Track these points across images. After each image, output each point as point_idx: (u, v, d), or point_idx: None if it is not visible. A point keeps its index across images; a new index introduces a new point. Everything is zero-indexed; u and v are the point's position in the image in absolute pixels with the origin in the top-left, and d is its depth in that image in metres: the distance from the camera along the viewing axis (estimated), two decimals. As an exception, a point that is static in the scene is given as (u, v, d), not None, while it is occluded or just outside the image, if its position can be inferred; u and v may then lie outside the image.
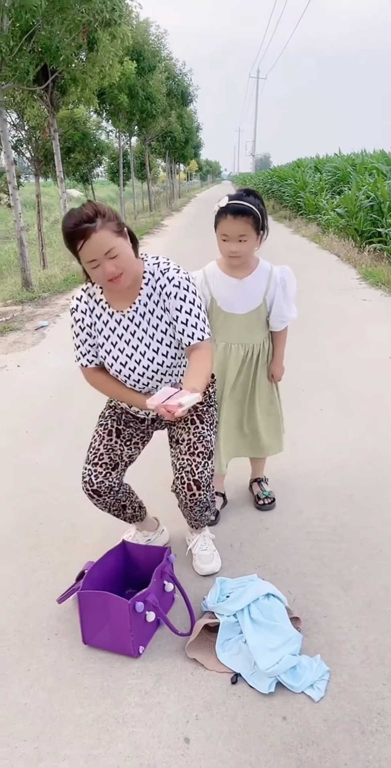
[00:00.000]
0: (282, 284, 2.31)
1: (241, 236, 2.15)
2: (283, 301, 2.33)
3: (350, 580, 2.20)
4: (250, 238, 2.17)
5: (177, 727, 1.64)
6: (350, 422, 3.54)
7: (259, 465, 2.78)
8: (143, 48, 13.80)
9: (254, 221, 2.14)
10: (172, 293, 1.86)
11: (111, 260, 1.72)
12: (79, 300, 1.95)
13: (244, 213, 2.12)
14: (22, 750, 1.60)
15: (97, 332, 1.96)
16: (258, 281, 2.31)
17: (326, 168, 16.26)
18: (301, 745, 1.58)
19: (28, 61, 7.26)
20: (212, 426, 2.09)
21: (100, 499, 2.06)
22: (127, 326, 1.92)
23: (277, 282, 2.31)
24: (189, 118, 27.56)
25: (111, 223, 1.73)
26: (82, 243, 1.70)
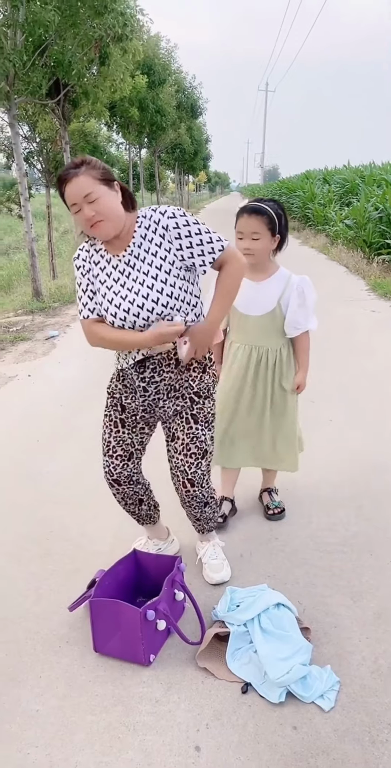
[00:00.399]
0: (299, 291, 2.35)
1: (254, 233, 2.26)
2: (297, 307, 2.36)
3: (360, 590, 2.20)
4: (263, 237, 2.26)
5: (188, 736, 1.65)
6: (360, 433, 3.55)
7: (270, 475, 2.79)
8: (154, 62, 13.97)
9: (268, 221, 2.25)
10: (169, 225, 1.86)
11: (89, 204, 1.77)
12: (81, 250, 1.99)
13: (258, 212, 2.25)
14: (35, 756, 1.61)
15: (94, 278, 1.96)
16: (274, 286, 2.38)
17: (335, 180, 16.33)
18: (311, 754, 1.58)
19: (41, 76, 7.38)
20: (209, 423, 2.09)
21: (121, 488, 2.15)
22: (123, 270, 1.91)
23: (293, 288, 2.36)
24: (198, 131, 27.78)
25: (95, 171, 1.78)
26: (64, 187, 1.78)
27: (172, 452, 2.10)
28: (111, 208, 1.81)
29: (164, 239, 1.87)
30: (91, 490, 3.00)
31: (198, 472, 2.06)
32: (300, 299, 2.35)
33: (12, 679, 1.87)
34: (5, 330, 6.51)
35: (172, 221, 1.86)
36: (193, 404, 2.05)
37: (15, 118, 7.54)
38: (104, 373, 4.58)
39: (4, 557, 2.49)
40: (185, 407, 2.05)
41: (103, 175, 1.80)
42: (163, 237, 1.87)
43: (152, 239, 1.88)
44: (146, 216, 1.90)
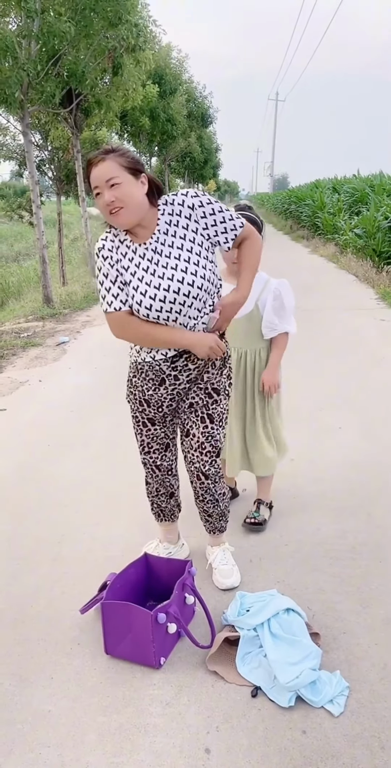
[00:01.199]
0: (276, 293, 2.44)
1: None
2: (273, 309, 2.44)
3: (369, 597, 2.21)
4: None
5: (198, 738, 1.66)
6: (368, 442, 3.55)
7: (261, 485, 2.77)
8: (165, 72, 14.10)
9: (252, 220, 2.33)
10: (195, 204, 1.89)
11: (110, 189, 1.78)
12: (105, 240, 1.95)
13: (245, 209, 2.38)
14: (46, 756, 1.63)
15: (124, 269, 1.92)
16: (253, 288, 2.40)
17: (344, 189, 16.34)
18: (321, 759, 1.59)
19: (55, 85, 7.49)
20: (223, 422, 2.14)
21: (160, 474, 2.26)
22: (151, 258, 1.90)
23: (271, 290, 2.44)
24: (208, 139, 27.95)
25: (122, 158, 1.81)
26: (90, 169, 1.81)
27: (187, 448, 2.16)
28: (132, 197, 1.81)
29: (190, 220, 1.90)
30: (101, 494, 3.03)
31: (212, 469, 2.14)
32: (276, 301, 2.43)
33: (24, 680, 1.89)
34: (16, 335, 6.57)
35: (196, 200, 1.89)
36: (210, 399, 2.08)
37: (28, 126, 7.64)
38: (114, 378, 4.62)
39: (15, 560, 2.52)
40: (201, 403, 2.08)
41: (130, 164, 1.82)
42: (190, 218, 1.90)
43: (179, 222, 1.90)
44: (168, 202, 1.92)
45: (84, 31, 7.52)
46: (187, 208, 1.89)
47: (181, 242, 1.90)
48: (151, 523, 2.59)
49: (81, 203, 10.45)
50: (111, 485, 3.14)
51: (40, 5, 6.95)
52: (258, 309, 2.47)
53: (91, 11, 7.34)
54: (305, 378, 4.77)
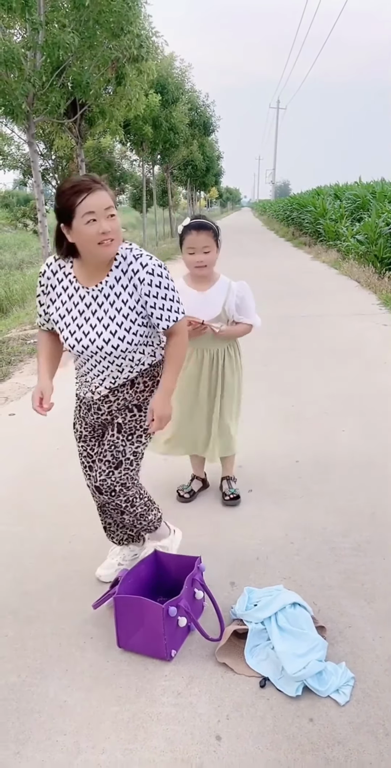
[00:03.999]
0: (239, 297, 2.71)
1: (205, 247, 2.58)
2: (236, 308, 2.71)
3: (373, 593, 2.27)
4: (212, 249, 2.60)
5: (209, 726, 1.73)
6: (372, 444, 3.62)
7: (226, 464, 3.05)
8: (167, 81, 14.25)
9: (214, 234, 2.60)
10: (146, 280, 1.91)
11: (108, 219, 1.81)
12: (48, 266, 2.01)
13: (206, 227, 2.59)
14: (63, 743, 1.70)
15: (60, 302, 1.99)
16: (218, 293, 2.71)
17: (346, 196, 16.45)
18: (327, 745, 1.65)
19: (59, 96, 7.62)
20: (132, 437, 2.12)
21: (101, 497, 2.15)
22: (89, 304, 1.95)
23: (235, 294, 2.70)
24: (210, 147, 28.14)
25: (110, 192, 1.87)
26: (85, 195, 1.77)
27: None
28: (120, 233, 1.88)
29: (136, 290, 1.93)
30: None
31: (108, 481, 2.08)
32: (242, 303, 2.71)
33: (39, 672, 1.96)
34: (23, 342, 6.66)
35: (148, 277, 1.91)
36: (129, 413, 2.11)
37: (33, 136, 7.77)
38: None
39: (29, 558, 2.59)
40: (119, 415, 2.12)
41: (114, 199, 1.89)
42: (136, 288, 1.93)
43: (126, 287, 1.93)
44: (125, 259, 1.93)
45: (88, 42, 7.66)
46: (138, 279, 1.91)
47: (121, 305, 1.94)
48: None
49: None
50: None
51: (45, 17, 7.08)
52: (225, 312, 2.71)
53: (94, 22, 7.47)
54: (308, 382, 4.84)
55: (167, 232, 25.92)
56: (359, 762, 1.59)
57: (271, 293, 9.31)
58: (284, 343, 6.09)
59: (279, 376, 5.02)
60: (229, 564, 2.48)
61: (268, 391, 4.60)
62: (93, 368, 2.06)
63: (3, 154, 12.58)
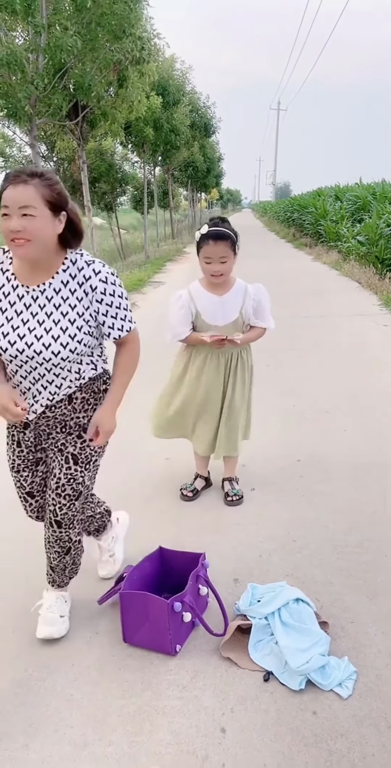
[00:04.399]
0: (256, 300, 2.75)
1: (222, 258, 2.58)
2: (253, 312, 2.76)
3: (375, 589, 2.30)
4: (229, 259, 2.60)
5: (214, 719, 1.75)
6: (373, 443, 3.65)
7: (229, 465, 3.06)
8: (168, 83, 14.29)
9: (232, 244, 2.58)
10: (98, 288, 1.79)
11: (21, 218, 1.62)
12: None
13: (223, 237, 2.56)
14: (70, 736, 1.72)
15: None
16: (235, 298, 2.73)
17: (347, 197, 16.49)
18: (331, 737, 1.68)
19: (62, 98, 7.65)
20: (88, 464, 1.99)
21: (60, 530, 2.00)
22: (28, 305, 1.79)
23: (251, 298, 2.74)
24: (211, 149, 28.16)
25: (46, 190, 1.65)
26: (5, 186, 1.63)
27: (49, 484, 1.99)
28: (42, 233, 1.67)
29: (86, 297, 1.80)
30: (116, 491, 3.12)
31: (68, 514, 1.97)
32: (258, 306, 2.76)
33: (46, 667, 1.99)
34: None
35: (101, 285, 1.80)
36: (79, 440, 1.96)
37: (35, 138, 7.81)
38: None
39: (36, 556, 2.61)
40: (69, 444, 1.96)
41: (53, 198, 1.67)
42: (86, 295, 1.80)
43: (75, 291, 1.80)
44: (75, 264, 1.81)
45: (90, 44, 7.69)
46: (89, 287, 1.79)
47: (67, 309, 1.79)
48: (163, 518, 2.70)
49: (86, 213, 10.60)
50: (123, 483, 3.23)
51: (47, 20, 7.12)
52: (242, 316, 2.75)
53: (96, 25, 7.51)
54: (310, 381, 4.87)
55: (168, 233, 25.97)
56: (361, 754, 1.62)
57: (272, 294, 9.29)
58: (286, 344, 6.12)
59: (281, 376, 5.05)
60: (232, 561, 2.51)
61: (269, 391, 4.62)
62: (24, 378, 1.86)
63: (5, 156, 12.64)
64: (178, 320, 2.73)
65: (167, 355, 3.16)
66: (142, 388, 2.99)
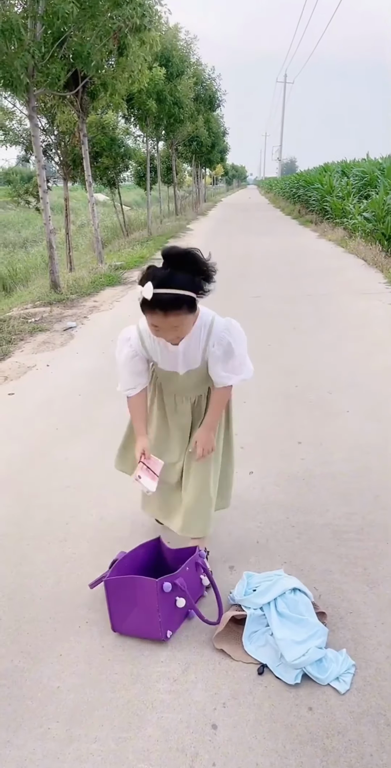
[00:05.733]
0: (223, 345, 1.99)
1: (174, 327, 1.84)
2: (219, 361, 2.01)
3: (376, 578, 2.21)
4: (186, 322, 1.86)
5: (205, 714, 1.68)
6: (377, 424, 3.54)
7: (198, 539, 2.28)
8: (172, 54, 13.92)
9: (188, 307, 1.80)
10: None
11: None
12: None
13: (175, 306, 1.77)
14: (55, 731, 1.66)
15: None
16: (196, 342, 1.99)
17: (354, 172, 16.16)
18: (327, 735, 1.60)
19: (60, 67, 7.41)
20: None
21: None
22: None
23: (216, 340, 1.98)
24: (216, 123, 27.64)
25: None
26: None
27: None
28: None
29: None
30: (110, 477, 3.03)
31: None
32: (227, 355, 2.01)
33: (33, 658, 1.92)
34: (24, 321, 6.58)
35: None
36: None
37: (34, 110, 7.59)
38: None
39: (25, 540, 2.54)
40: None
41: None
42: None
43: None
44: None
45: (89, 11, 7.43)
46: None
47: None
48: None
49: (88, 188, 10.37)
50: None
51: (45, -15, 6.87)
52: (206, 362, 2.06)
53: (95, -9, 7.24)
54: (313, 362, 4.75)
55: (172, 210, 25.62)
56: (359, 753, 1.54)
57: (276, 272, 9.17)
58: (288, 323, 5.99)
59: (282, 355, 4.93)
60: (228, 547, 2.42)
61: (271, 371, 4.52)
62: None
63: (4, 129, 12.36)
64: (129, 371, 2.09)
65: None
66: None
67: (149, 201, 17.21)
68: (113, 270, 9.95)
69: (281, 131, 61.75)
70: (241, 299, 7.18)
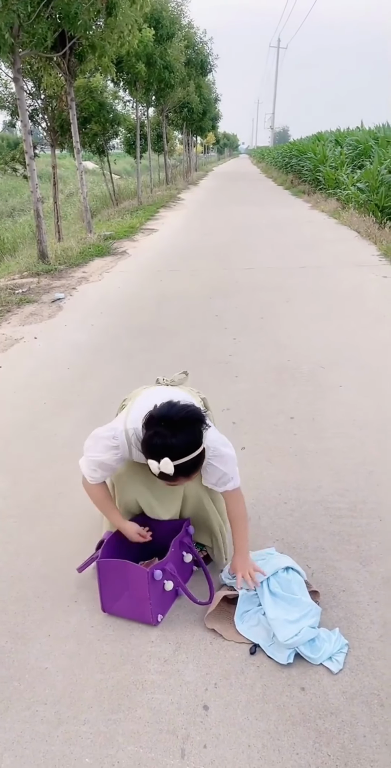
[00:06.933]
0: (217, 473, 1.88)
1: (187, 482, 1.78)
2: (213, 484, 1.92)
3: (369, 555, 2.19)
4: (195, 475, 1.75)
5: (196, 695, 1.65)
6: (370, 399, 3.50)
7: None
8: (162, 15, 13.48)
9: (203, 455, 1.72)
10: None
11: None
12: None
13: (197, 466, 1.71)
14: (43, 713, 1.62)
15: None
16: None
17: (347, 142, 15.91)
18: (319, 716, 1.58)
19: (46, 27, 7.14)
20: None
21: None
22: None
23: (209, 467, 1.86)
24: (207, 89, 27.00)
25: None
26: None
27: None
28: None
29: None
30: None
31: None
32: (218, 481, 1.90)
33: (21, 637, 1.88)
34: (11, 292, 6.44)
35: None
36: None
37: (19, 72, 7.32)
38: (111, 336, 4.55)
39: (12, 518, 2.49)
40: None
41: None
42: None
43: None
44: None
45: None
46: None
47: None
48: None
49: (76, 155, 10.10)
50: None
51: None
52: None
53: None
54: (306, 335, 4.69)
55: (162, 178, 25.16)
56: (352, 735, 1.52)
57: (268, 244, 9.04)
58: (281, 295, 5.91)
59: (275, 329, 4.86)
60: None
61: (263, 344, 4.45)
62: None
63: (-10, 92, 11.97)
64: (104, 468, 1.91)
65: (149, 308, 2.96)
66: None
67: (139, 169, 16.86)
68: (102, 240, 9.76)
69: (274, 98, 60.57)
70: (232, 271, 7.07)
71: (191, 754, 1.49)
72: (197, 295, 5.97)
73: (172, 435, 1.62)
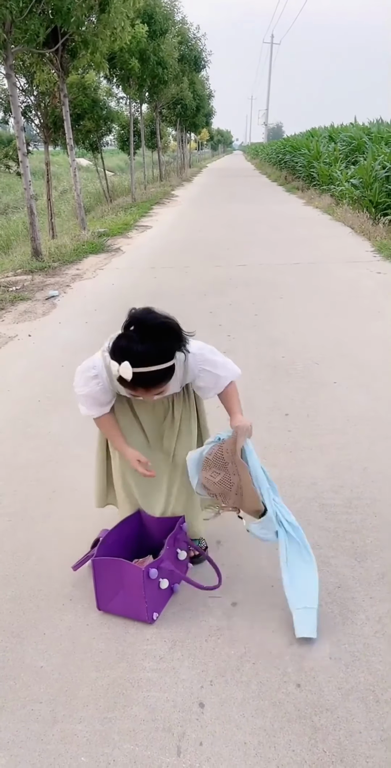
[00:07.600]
0: (205, 377, 1.89)
1: (158, 394, 1.74)
2: (210, 388, 1.93)
3: (364, 551, 2.19)
4: (169, 385, 1.74)
5: (192, 692, 1.65)
6: (364, 395, 3.50)
7: None
8: (155, 10, 13.43)
9: (170, 374, 1.67)
10: None
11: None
12: None
13: (157, 381, 1.65)
14: (39, 712, 1.62)
15: None
16: (173, 379, 1.76)
17: (341, 138, 15.89)
18: (315, 712, 1.58)
19: (39, 23, 7.09)
20: None
21: None
22: None
23: (197, 375, 1.87)
24: (201, 85, 26.94)
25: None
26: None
27: None
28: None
29: None
30: (93, 450, 2.97)
31: None
32: (212, 380, 1.90)
33: (16, 636, 1.87)
34: (5, 290, 6.41)
35: None
36: None
37: (12, 68, 7.27)
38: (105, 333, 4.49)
39: (6, 516, 2.48)
40: None
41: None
42: None
43: None
44: None
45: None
46: None
47: None
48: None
49: (69, 151, 10.05)
50: (103, 441, 3.08)
51: None
52: (187, 384, 1.96)
53: None
54: (300, 331, 4.69)
55: (156, 175, 25.09)
56: (348, 731, 1.53)
57: (262, 240, 9.03)
58: (275, 292, 5.90)
59: (269, 325, 4.86)
60: (214, 522, 2.37)
61: (257, 341, 4.45)
62: None
63: (-19, 88, 11.91)
64: (98, 403, 1.94)
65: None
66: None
67: (133, 166, 16.80)
68: (96, 237, 9.73)
69: (268, 94, 60.46)
70: (226, 268, 7.06)
71: (187, 752, 1.49)
72: (191, 292, 5.96)
73: (140, 341, 1.57)
